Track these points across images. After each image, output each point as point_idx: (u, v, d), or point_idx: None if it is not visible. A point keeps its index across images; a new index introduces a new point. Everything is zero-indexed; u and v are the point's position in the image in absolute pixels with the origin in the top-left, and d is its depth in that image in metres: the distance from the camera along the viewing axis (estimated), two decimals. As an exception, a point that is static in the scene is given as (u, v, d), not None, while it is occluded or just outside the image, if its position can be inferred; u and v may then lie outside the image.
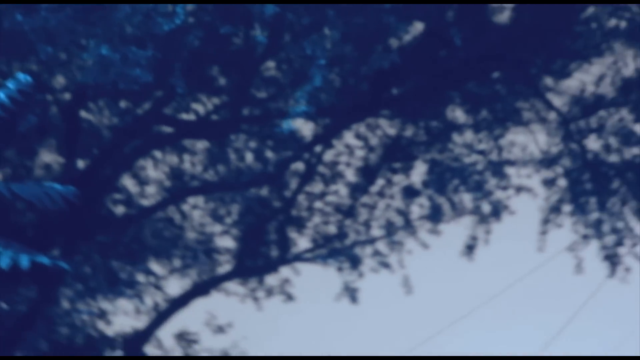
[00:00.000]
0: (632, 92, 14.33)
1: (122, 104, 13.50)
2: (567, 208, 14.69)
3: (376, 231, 15.17)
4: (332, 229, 15.24)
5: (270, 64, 13.31)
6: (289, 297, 15.66)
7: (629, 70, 14.39)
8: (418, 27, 13.47)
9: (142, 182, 15.05)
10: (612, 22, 13.94)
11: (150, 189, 15.04)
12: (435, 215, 14.71)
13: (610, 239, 14.70)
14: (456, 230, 14.91)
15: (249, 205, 15.29)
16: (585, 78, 14.60)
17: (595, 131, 14.58)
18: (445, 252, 15.68)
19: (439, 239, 14.80)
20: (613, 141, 14.56)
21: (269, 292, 15.71)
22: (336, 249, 15.11)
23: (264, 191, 15.33)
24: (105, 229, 14.68)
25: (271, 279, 15.67)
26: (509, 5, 13.65)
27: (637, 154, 14.60)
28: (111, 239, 15.10)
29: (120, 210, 15.10)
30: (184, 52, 10.54)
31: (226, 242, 15.79)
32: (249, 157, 14.66)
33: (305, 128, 14.31)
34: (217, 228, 15.70)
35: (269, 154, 14.69)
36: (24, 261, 5.79)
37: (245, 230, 15.54)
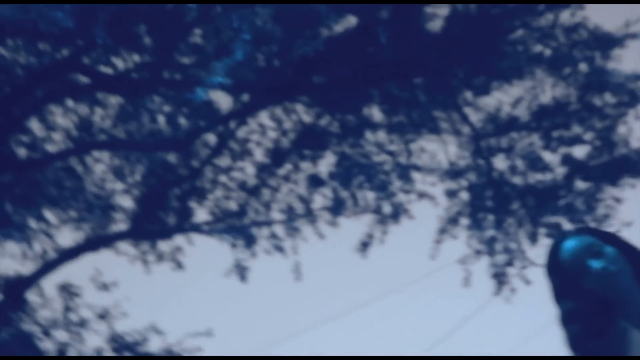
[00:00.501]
0: (545, 119, 14.62)
1: (41, 45, 13.25)
2: (464, 221, 14.92)
3: (276, 214, 15.19)
4: (233, 205, 15.21)
5: (198, 31, 13.20)
6: (179, 266, 15.59)
7: (545, 97, 14.68)
8: (351, 20, 13.52)
9: (49, 127, 14.80)
10: (538, 48, 14.21)
11: (57, 136, 14.81)
12: (336, 208, 14.80)
13: (501, 258, 14.99)
14: (355, 225, 15.01)
15: (154, 168, 15.16)
16: (504, 98, 14.85)
17: (504, 151, 14.83)
18: (341, 245, 15.78)
19: (336, 231, 14.89)
20: (519, 163, 14.84)
21: (160, 258, 15.61)
22: (234, 226, 15.09)
23: (172, 157, 15.21)
24: (3, 169, 14.40)
25: (164, 245, 15.58)
26: (444, 14, 13.80)
27: (541, 179, 14.91)
28: (9, 179, 14.82)
29: (23, 152, 14.83)
30: (112, 5, 10.40)
31: (125, 202, 15.65)
32: (162, 120, 14.54)
33: (223, 102, 14.25)
34: (118, 186, 15.55)
35: (182, 121, 14.58)
36: None
37: (146, 192, 15.41)
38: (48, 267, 15.48)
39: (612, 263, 2.86)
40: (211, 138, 14.98)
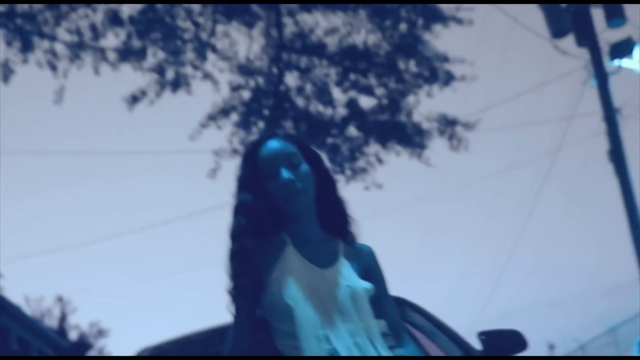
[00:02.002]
0: (349, 59, 14.87)
1: None
2: (234, 117, 15.01)
3: (63, 33, 14.64)
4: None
5: None
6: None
7: (358, 39, 14.93)
8: None
9: None
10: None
11: None
12: (124, 52, 14.40)
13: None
14: (136, 76, 14.65)
15: None
16: (322, 23, 14.98)
17: (300, 70, 15.00)
18: (109, 90, 15.50)
19: (115, 75, 14.51)
20: (308, 88, 15.06)
21: None
22: (16, 24, 14.45)
23: None
24: None
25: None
26: None
27: (321, 111, 15.19)
28: None
29: None
30: None
31: None
32: None
33: None
34: None
35: None
36: None
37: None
38: None
39: (301, 180, 2.96)
40: None
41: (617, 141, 19.53)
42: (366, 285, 2.90)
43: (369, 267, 2.97)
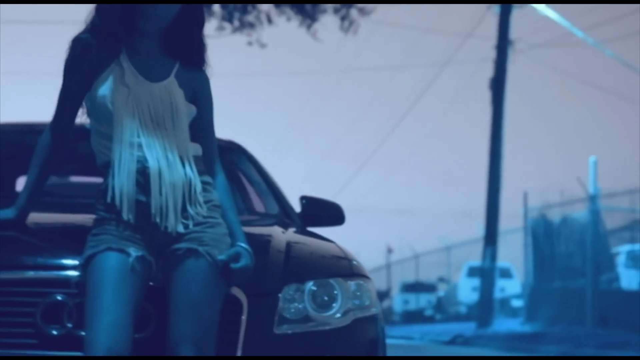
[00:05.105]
0: None
1: None
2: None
3: None
4: None
5: None
6: None
7: None
8: None
9: None
10: None
11: None
12: None
13: None
14: None
15: None
16: None
17: None
18: None
19: None
20: None
21: None
22: None
23: None
24: None
25: None
26: None
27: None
28: None
29: None
30: None
31: None
32: None
33: None
34: None
35: None
36: None
37: None
38: None
39: (167, 13, 2.97)
40: None
41: (502, 71, 19.98)
42: (189, 106, 2.98)
43: (198, 92, 3.03)
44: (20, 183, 4.95)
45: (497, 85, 19.96)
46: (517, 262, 22.87)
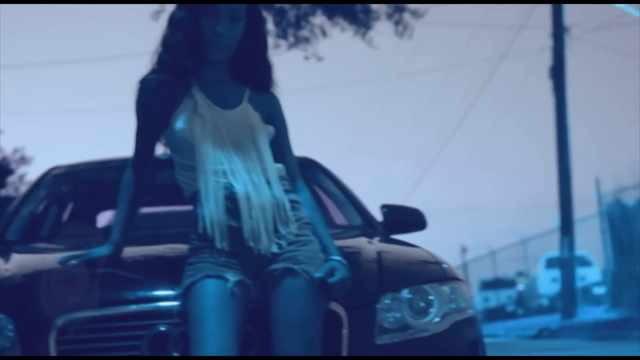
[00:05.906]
0: None
1: None
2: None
3: None
4: None
5: None
6: None
7: None
8: None
9: None
10: None
11: None
12: None
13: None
14: None
15: None
16: None
17: None
18: None
19: None
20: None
21: None
22: None
23: None
24: None
25: None
26: None
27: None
28: None
29: None
30: None
31: None
32: None
33: None
34: None
35: None
36: None
37: None
38: None
39: (230, 38, 3.01)
40: None
41: (561, 59, 19.77)
42: (267, 128, 3.02)
43: (271, 113, 3.08)
44: (101, 219, 5.05)
45: (557, 73, 19.76)
46: (594, 249, 22.55)
